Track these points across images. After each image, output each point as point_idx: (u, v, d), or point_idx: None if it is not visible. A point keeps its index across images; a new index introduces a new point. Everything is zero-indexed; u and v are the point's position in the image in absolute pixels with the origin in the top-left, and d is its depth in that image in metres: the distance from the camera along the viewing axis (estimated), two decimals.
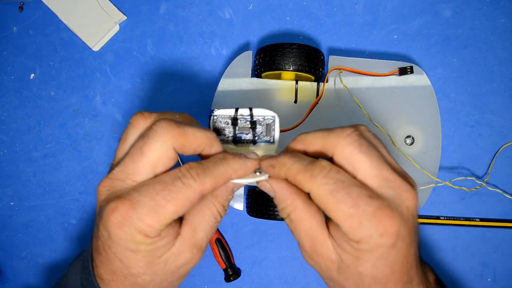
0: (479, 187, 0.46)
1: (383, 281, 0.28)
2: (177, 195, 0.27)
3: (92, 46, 0.52)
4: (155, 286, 0.30)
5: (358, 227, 0.27)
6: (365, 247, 0.27)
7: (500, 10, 0.48)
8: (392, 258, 0.27)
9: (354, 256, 0.28)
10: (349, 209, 0.27)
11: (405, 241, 0.28)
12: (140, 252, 0.28)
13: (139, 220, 0.27)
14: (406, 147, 0.45)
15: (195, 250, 0.30)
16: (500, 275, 0.47)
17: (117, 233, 0.27)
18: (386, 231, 0.27)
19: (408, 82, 0.45)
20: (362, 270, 0.28)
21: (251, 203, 0.43)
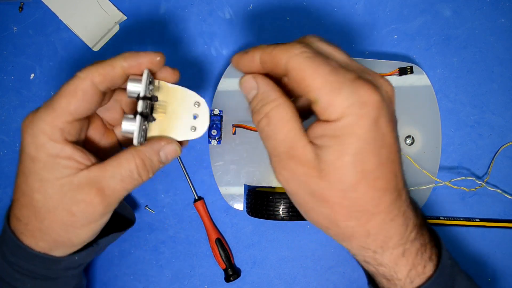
0: (479, 187, 0.46)
1: (372, 177, 0.26)
2: (68, 87, 0.30)
3: (92, 46, 0.52)
4: (48, 212, 0.30)
5: (337, 95, 0.25)
6: (347, 122, 0.25)
7: (500, 10, 0.48)
8: (377, 144, 0.26)
9: (337, 145, 0.26)
10: (328, 76, 0.25)
11: (388, 125, 0.26)
12: (38, 161, 0.30)
13: (39, 120, 0.30)
14: (406, 147, 0.45)
15: (95, 191, 0.30)
16: (500, 275, 0.47)
17: (24, 138, 0.30)
18: (368, 99, 0.25)
19: (408, 82, 0.45)
20: (347, 161, 0.25)
21: (251, 203, 0.43)
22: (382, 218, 0.28)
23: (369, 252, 0.29)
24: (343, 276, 0.48)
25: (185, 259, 0.50)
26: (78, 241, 0.33)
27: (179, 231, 0.50)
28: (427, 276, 0.30)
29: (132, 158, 0.31)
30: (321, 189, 0.27)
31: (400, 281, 0.30)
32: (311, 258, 0.49)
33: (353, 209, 0.27)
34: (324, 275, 0.49)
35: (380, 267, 0.30)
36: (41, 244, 0.32)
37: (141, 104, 0.31)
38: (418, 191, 0.44)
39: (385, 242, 0.29)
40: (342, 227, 0.28)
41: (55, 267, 0.33)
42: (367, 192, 0.27)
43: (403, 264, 0.30)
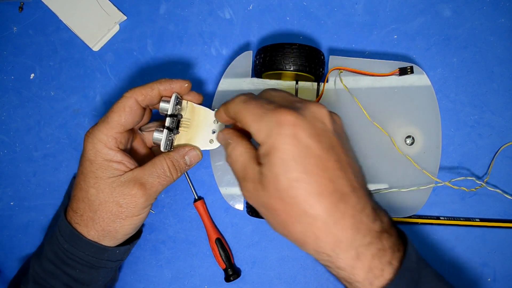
0: (479, 187, 0.46)
1: (301, 183, 0.30)
2: (118, 105, 0.39)
3: (92, 46, 0.52)
4: (100, 204, 0.38)
5: (260, 122, 0.32)
6: (270, 141, 0.31)
7: (500, 10, 0.48)
8: (301, 154, 0.31)
9: (268, 160, 0.31)
10: (255, 110, 0.33)
11: (312, 138, 0.31)
12: (95, 163, 0.38)
13: (97, 131, 0.38)
14: (406, 147, 0.45)
15: (138, 186, 0.38)
16: (500, 275, 0.47)
17: (85, 146, 0.39)
18: (283, 120, 0.31)
19: (408, 82, 0.45)
20: (275, 172, 0.31)
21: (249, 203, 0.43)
22: (323, 220, 0.30)
23: (325, 256, 0.32)
24: None
25: (185, 259, 0.50)
26: (122, 231, 0.39)
27: (179, 231, 0.50)
28: (387, 279, 0.31)
29: (164, 160, 0.39)
30: (267, 199, 0.32)
31: (359, 283, 0.32)
32: (311, 258, 0.49)
33: (293, 213, 0.31)
34: (324, 275, 0.49)
35: (339, 270, 0.32)
36: (92, 233, 0.39)
37: (168, 120, 0.39)
38: (418, 191, 0.44)
39: (336, 245, 0.31)
40: (293, 232, 0.32)
41: (100, 256, 0.40)
42: (298, 196, 0.30)
43: (359, 267, 0.31)
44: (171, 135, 0.40)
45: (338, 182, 0.31)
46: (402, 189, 0.44)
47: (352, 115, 0.45)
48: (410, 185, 0.44)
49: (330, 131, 0.33)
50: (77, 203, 0.39)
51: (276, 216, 0.32)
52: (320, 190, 0.31)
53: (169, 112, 0.39)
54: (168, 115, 0.39)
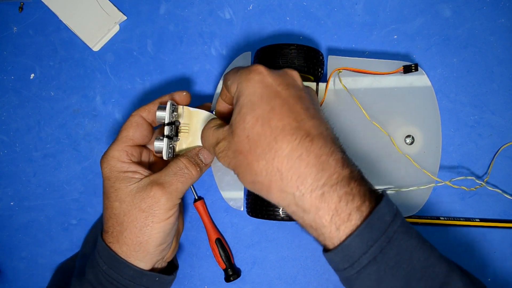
0: (479, 186, 0.46)
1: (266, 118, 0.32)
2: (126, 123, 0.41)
3: (92, 46, 0.52)
4: (124, 215, 0.38)
5: (235, 76, 0.35)
6: (239, 89, 0.34)
7: (500, 10, 0.48)
8: (269, 95, 0.33)
9: (236, 107, 0.34)
10: (236, 69, 0.36)
11: (280, 85, 0.33)
12: (112, 178, 0.39)
13: (109, 150, 0.40)
14: (406, 147, 0.45)
15: (156, 186, 0.37)
16: (500, 275, 0.47)
17: (102, 167, 0.39)
18: (252, 69, 0.34)
19: (408, 82, 0.45)
20: (243, 112, 0.33)
21: (251, 203, 0.43)
22: (287, 154, 0.31)
23: (290, 196, 0.31)
24: None
25: (185, 259, 0.50)
26: (152, 241, 0.38)
27: None
28: (354, 225, 0.30)
29: (179, 160, 0.39)
30: (235, 144, 0.33)
31: (325, 227, 0.31)
32: (311, 258, 0.49)
33: (258, 150, 0.32)
34: (324, 275, 0.49)
35: (304, 214, 0.31)
36: (124, 248, 0.38)
37: (167, 128, 0.40)
38: (418, 190, 0.44)
39: (300, 182, 0.31)
40: (259, 172, 0.32)
41: (138, 281, 0.39)
42: (264, 130, 0.32)
43: (325, 209, 0.30)
44: (172, 143, 0.40)
45: (304, 124, 0.32)
46: (402, 189, 0.44)
47: (352, 115, 0.45)
48: (410, 185, 0.44)
49: (300, 86, 0.36)
50: (107, 223, 0.39)
51: (243, 159, 0.33)
52: (284, 125, 0.32)
53: (166, 120, 0.40)
54: (166, 123, 0.40)
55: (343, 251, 0.31)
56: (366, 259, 0.30)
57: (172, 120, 0.40)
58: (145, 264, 0.38)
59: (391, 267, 0.30)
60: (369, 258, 0.30)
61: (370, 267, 0.30)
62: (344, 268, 0.31)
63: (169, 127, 0.40)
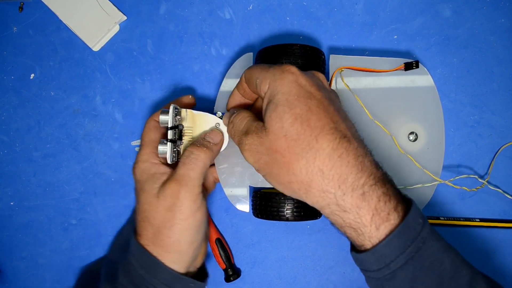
0: (480, 187, 0.46)
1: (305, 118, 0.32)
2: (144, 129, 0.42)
3: (92, 46, 0.52)
4: (153, 217, 0.38)
5: (266, 73, 0.35)
6: (273, 86, 0.34)
7: (500, 10, 0.48)
8: (304, 95, 0.33)
9: (271, 104, 0.33)
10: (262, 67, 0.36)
11: (313, 86, 0.34)
12: (142, 181, 0.39)
13: (138, 156, 0.41)
14: (410, 144, 0.45)
15: (173, 182, 0.37)
16: (500, 275, 0.47)
17: (134, 173, 0.40)
18: (285, 68, 0.34)
19: (410, 80, 0.45)
20: (280, 110, 0.32)
21: (256, 205, 0.43)
22: (328, 154, 0.31)
23: (331, 196, 0.31)
24: (343, 276, 0.48)
25: None
26: (184, 239, 0.38)
27: None
28: (393, 225, 0.31)
29: (186, 150, 0.39)
30: (270, 142, 0.33)
31: (366, 227, 0.31)
32: (311, 258, 0.49)
33: (298, 149, 0.32)
34: (324, 275, 0.49)
35: (345, 214, 0.31)
36: (159, 250, 0.38)
37: (170, 132, 0.39)
38: (421, 190, 0.44)
39: (342, 181, 0.31)
40: (298, 172, 0.32)
41: (174, 285, 0.38)
42: (303, 129, 0.32)
43: (365, 208, 0.31)
44: (176, 147, 0.40)
45: (340, 125, 0.33)
46: (407, 187, 0.44)
47: (354, 114, 0.45)
48: (413, 183, 0.44)
49: (328, 89, 0.36)
50: (140, 226, 0.39)
51: (280, 158, 0.32)
52: (323, 125, 0.32)
53: (170, 124, 0.39)
54: (169, 127, 0.39)
55: (380, 251, 0.31)
56: (403, 259, 0.31)
57: (175, 123, 0.40)
58: (179, 266, 0.38)
59: (426, 267, 0.31)
60: (406, 258, 0.31)
61: (407, 267, 0.31)
62: (378, 269, 0.31)
63: (173, 131, 0.40)
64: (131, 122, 0.51)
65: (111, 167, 0.51)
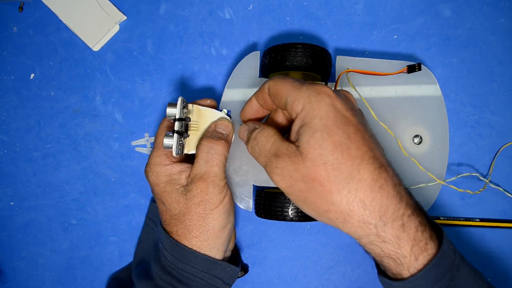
0: (482, 189, 0.46)
1: (345, 146, 0.31)
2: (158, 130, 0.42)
3: (92, 46, 0.52)
4: (185, 215, 0.38)
5: (299, 91, 0.33)
6: (309, 108, 0.32)
7: (500, 10, 0.48)
8: (342, 121, 0.32)
9: (307, 128, 0.32)
10: (292, 83, 0.34)
11: (348, 110, 0.33)
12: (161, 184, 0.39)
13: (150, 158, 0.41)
14: (414, 146, 0.45)
15: (199, 182, 0.38)
16: (500, 275, 0.47)
17: (147, 176, 0.40)
18: (321, 89, 0.33)
19: (415, 82, 0.45)
20: (318, 137, 0.31)
21: (260, 204, 0.43)
22: (369, 185, 0.31)
23: (371, 227, 0.31)
24: (343, 276, 0.48)
25: None
26: (217, 225, 0.38)
27: None
28: (430, 254, 0.31)
29: (201, 145, 0.39)
30: (308, 169, 0.31)
31: (406, 258, 0.31)
32: (311, 258, 0.49)
33: (339, 178, 0.31)
34: (324, 275, 0.49)
35: (384, 245, 0.31)
36: (194, 241, 0.38)
37: (177, 124, 0.39)
38: (425, 191, 0.44)
39: (382, 212, 0.31)
40: (338, 202, 0.31)
41: (213, 271, 0.39)
42: (344, 158, 0.31)
43: (405, 239, 0.31)
44: (181, 139, 0.40)
45: (376, 153, 0.32)
46: (410, 186, 0.44)
47: None
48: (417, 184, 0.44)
49: (358, 111, 0.36)
50: (170, 225, 0.39)
51: (319, 187, 0.31)
52: (363, 155, 0.31)
53: (177, 116, 0.39)
54: (176, 119, 0.39)
55: (418, 281, 0.31)
56: None
57: (182, 116, 0.40)
58: (217, 250, 0.39)
59: None
60: (442, 287, 0.31)
61: None
62: None
63: (179, 123, 0.39)
64: (131, 122, 0.51)
65: (111, 167, 0.51)
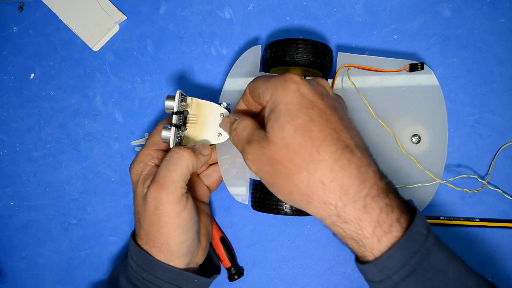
0: (480, 188, 0.46)
1: (306, 129, 0.32)
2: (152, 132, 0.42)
3: (92, 46, 0.52)
4: (144, 220, 0.38)
5: (268, 83, 0.35)
6: (275, 96, 0.34)
7: (500, 10, 0.48)
8: (306, 105, 0.33)
9: (273, 114, 0.33)
10: (265, 78, 0.36)
11: (315, 95, 0.34)
12: (137, 183, 0.39)
13: (137, 155, 0.41)
14: (413, 146, 0.45)
15: (154, 185, 0.37)
16: (500, 275, 0.47)
17: (130, 172, 0.40)
18: (287, 77, 0.34)
19: (416, 81, 0.45)
20: (282, 121, 0.32)
21: (255, 197, 0.43)
22: (329, 165, 0.31)
23: (331, 207, 0.31)
24: (343, 276, 0.48)
25: None
26: (173, 240, 0.37)
27: None
28: (396, 237, 0.30)
29: (170, 150, 0.39)
30: (273, 152, 0.33)
31: (367, 239, 0.31)
32: (311, 258, 0.49)
33: (299, 161, 0.32)
34: (324, 275, 0.49)
35: (346, 225, 0.31)
36: (154, 251, 0.38)
37: (175, 117, 0.39)
38: (422, 190, 0.44)
39: (343, 193, 0.31)
40: (299, 183, 0.32)
41: (179, 282, 0.38)
42: (305, 140, 0.32)
43: (367, 220, 0.31)
44: (179, 132, 0.40)
45: (342, 135, 0.33)
46: (407, 186, 0.44)
47: (359, 113, 0.45)
48: (415, 183, 0.44)
49: (332, 96, 0.36)
50: (136, 226, 0.40)
51: (282, 168, 0.32)
52: (325, 136, 0.32)
53: (175, 109, 0.39)
54: (174, 112, 0.39)
55: (382, 263, 0.31)
56: (406, 271, 0.30)
57: (180, 109, 0.40)
58: (174, 264, 0.38)
59: (429, 278, 0.30)
60: (409, 270, 0.30)
61: (410, 279, 0.30)
62: (381, 280, 0.31)
63: (177, 116, 0.39)
64: (131, 122, 0.51)
65: (111, 167, 0.51)
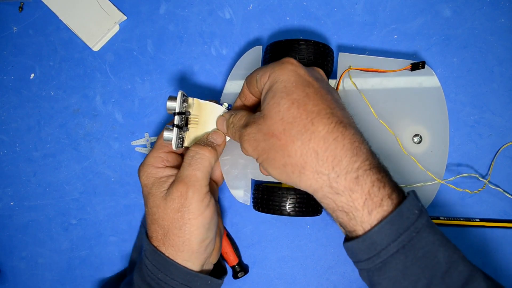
0: (481, 189, 0.46)
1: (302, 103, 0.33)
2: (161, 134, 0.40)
3: (92, 46, 0.52)
4: (163, 219, 0.38)
5: (266, 68, 0.36)
6: (273, 76, 0.35)
7: (500, 10, 0.48)
8: (302, 83, 0.34)
9: (270, 92, 0.34)
10: (263, 66, 0.37)
11: (310, 76, 0.35)
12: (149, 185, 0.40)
13: (146, 158, 0.41)
14: (414, 146, 0.45)
15: (179, 184, 0.38)
16: (500, 275, 0.47)
17: (139, 175, 0.41)
18: (284, 60, 0.36)
19: (417, 81, 0.45)
20: (278, 96, 0.33)
21: (257, 198, 0.43)
22: (323, 136, 0.32)
23: (324, 178, 0.31)
24: (343, 276, 0.48)
25: None
26: (194, 238, 0.38)
27: None
28: (386, 211, 0.30)
29: (189, 150, 0.39)
30: (268, 127, 0.33)
31: (358, 211, 0.31)
32: (311, 258, 0.49)
33: (293, 131, 0.32)
34: (324, 275, 0.49)
35: (337, 196, 0.31)
36: (170, 251, 0.38)
37: (177, 118, 0.39)
38: (424, 190, 0.44)
39: (336, 163, 0.31)
40: (293, 154, 0.32)
41: (193, 284, 0.38)
42: (300, 113, 0.33)
43: (358, 192, 0.31)
44: (181, 133, 0.40)
45: (336, 112, 0.33)
46: (409, 185, 0.44)
47: (360, 114, 0.44)
48: (417, 183, 0.44)
49: (326, 81, 0.38)
50: (150, 228, 0.39)
51: (276, 141, 0.33)
52: (319, 110, 0.33)
53: (177, 110, 0.39)
54: (176, 113, 0.39)
55: (371, 238, 0.30)
56: (394, 247, 0.30)
57: (182, 110, 0.40)
58: (192, 264, 0.38)
59: (418, 258, 0.30)
60: (398, 246, 0.30)
61: (398, 256, 0.30)
62: (369, 257, 0.31)
63: (179, 117, 0.40)
64: (131, 122, 0.51)
65: (111, 167, 0.51)
